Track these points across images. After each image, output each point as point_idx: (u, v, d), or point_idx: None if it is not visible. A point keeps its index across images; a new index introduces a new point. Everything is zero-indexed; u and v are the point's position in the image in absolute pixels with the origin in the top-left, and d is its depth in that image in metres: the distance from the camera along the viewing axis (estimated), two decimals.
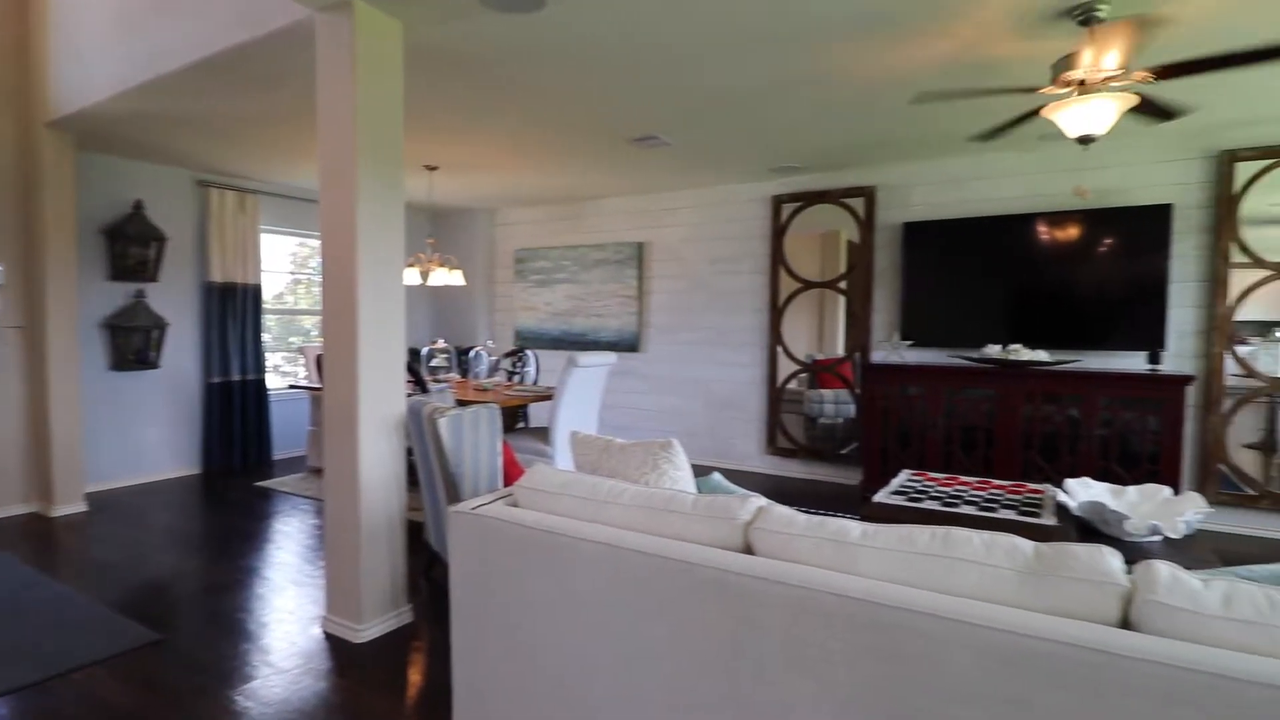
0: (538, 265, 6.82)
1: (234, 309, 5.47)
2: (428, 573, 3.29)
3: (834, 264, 5.30)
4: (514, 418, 5.14)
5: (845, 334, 5.28)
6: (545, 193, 6.15)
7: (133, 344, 4.97)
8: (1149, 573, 1.11)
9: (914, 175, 4.89)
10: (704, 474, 2.64)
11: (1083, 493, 2.56)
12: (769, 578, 1.29)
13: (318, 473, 5.25)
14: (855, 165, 5.00)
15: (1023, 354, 4.11)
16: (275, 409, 5.91)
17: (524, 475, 1.80)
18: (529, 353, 5.94)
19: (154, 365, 5.09)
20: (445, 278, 5.37)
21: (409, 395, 3.78)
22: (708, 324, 5.83)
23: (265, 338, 5.80)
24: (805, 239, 5.40)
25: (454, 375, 5.41)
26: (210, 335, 5.38)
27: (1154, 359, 4.00)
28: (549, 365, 6.45)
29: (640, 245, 6.15)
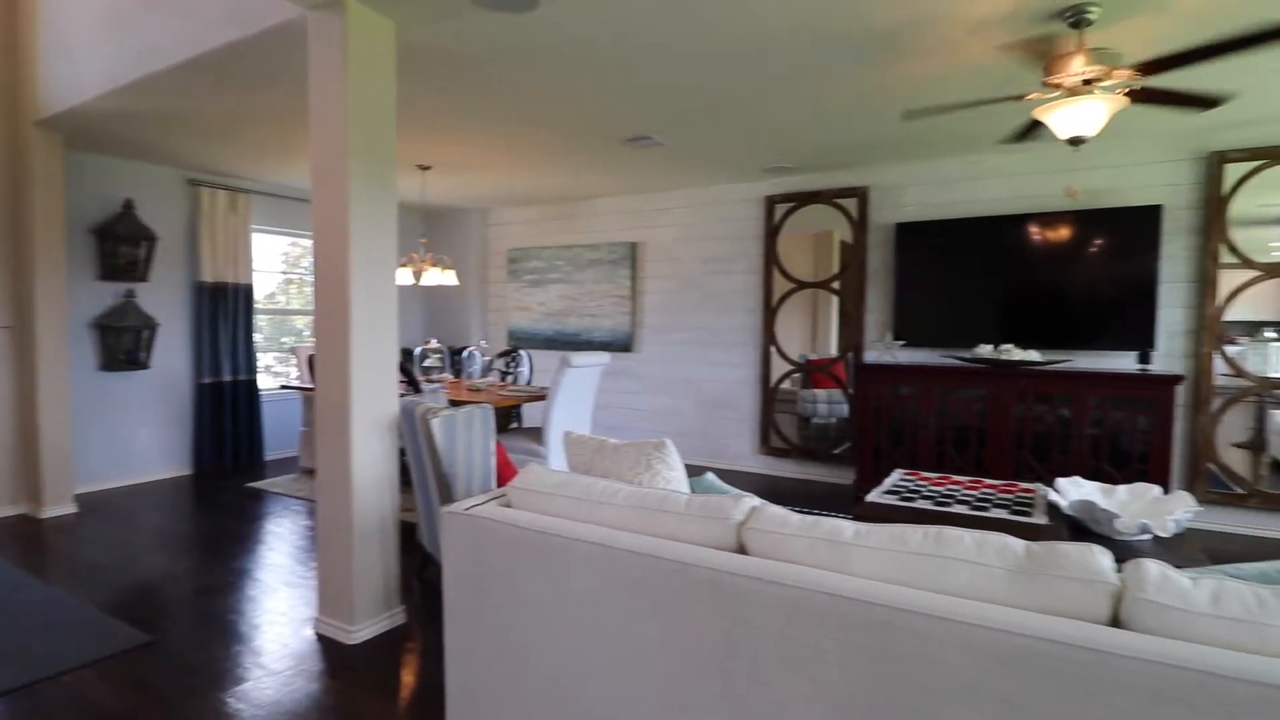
0: (531, 265, 6.81)
1: (225, 309, 5.44)
2: (421, 574, 3.28)
3: (827, 264, 5.32)
4: (507, 418, 5.14)
5: (838, 334, 5.30)
6: (538, 193, 6.14)
7: (123, 344, 4.93)
8: (1139, 571, 1.12)
9: (907, 176, 4.91)
10: (698, 474, 2.64)
11: (1074, 492, 2.58)
12: (763, 577, 1.30)
13: (310, 473, 5.23)
14: (848, 166, 5.01)
15: (1014, 354, 4.13)
16: (267, 409, 5.88)
17: (517, 476, 1.80)
18: (522, 353, 5.93)
19: (144, 365, 5.06)
20: (438, 278, 5.36)
21: (402, 395, 3.78)
22: (701, 324, 5.84)
23: (257, 338, 5.77)
24: (798, 239, 5.41)
25: (447, 375, 5.40)
26: (201, 335, 5.34)
27: (1144, 359, 4.03)
28: (542, 365, 6.45)
29: (633, 245, 6.15)
